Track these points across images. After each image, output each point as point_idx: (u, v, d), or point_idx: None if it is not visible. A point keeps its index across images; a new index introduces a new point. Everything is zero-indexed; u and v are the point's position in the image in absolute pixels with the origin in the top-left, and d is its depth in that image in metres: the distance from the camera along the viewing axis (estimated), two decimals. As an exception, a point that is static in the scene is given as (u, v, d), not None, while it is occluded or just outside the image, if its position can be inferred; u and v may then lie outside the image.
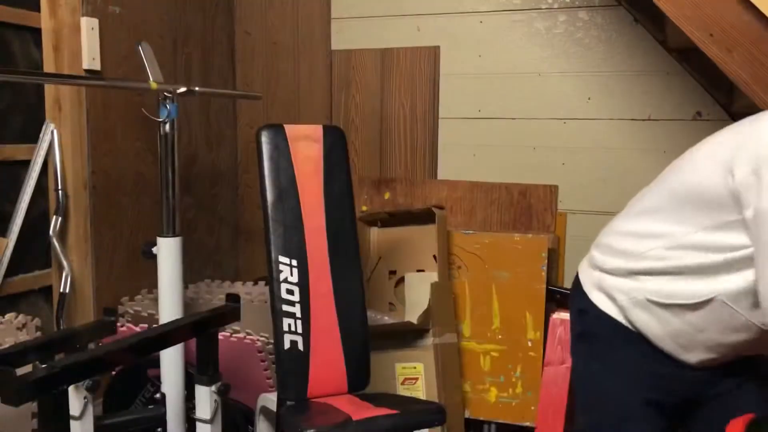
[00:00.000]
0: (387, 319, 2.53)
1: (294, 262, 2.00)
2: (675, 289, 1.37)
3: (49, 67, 2.19)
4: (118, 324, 2.04)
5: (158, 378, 2.03)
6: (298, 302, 1.98)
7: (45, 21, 2.18)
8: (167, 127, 2.01)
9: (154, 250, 2.03)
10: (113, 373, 2.21)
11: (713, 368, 1.46)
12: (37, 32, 2.18)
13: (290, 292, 1.98)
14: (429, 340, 2.40)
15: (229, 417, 2.05)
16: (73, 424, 1.52)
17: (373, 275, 2.70)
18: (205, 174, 2.88)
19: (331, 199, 2.08)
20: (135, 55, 2.21)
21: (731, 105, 2.33)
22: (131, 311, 2.32)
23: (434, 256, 2.54)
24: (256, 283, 2.67)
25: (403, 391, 2.41)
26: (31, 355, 1.62)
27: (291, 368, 1.95)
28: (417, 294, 2.52)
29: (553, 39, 2.61)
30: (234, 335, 2.22)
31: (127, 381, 2.19)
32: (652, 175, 1.51)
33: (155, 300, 2.21)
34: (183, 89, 2.06)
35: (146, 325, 2.21)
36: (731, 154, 1.27)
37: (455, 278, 2.58)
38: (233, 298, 1.91)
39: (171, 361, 2.00)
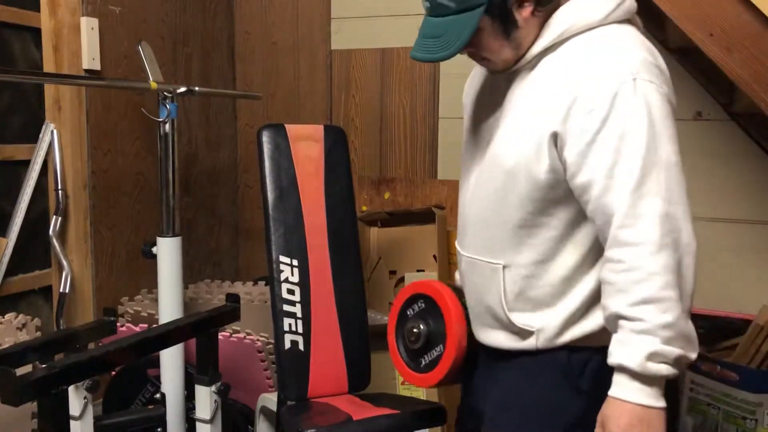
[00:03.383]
0: (387, 319, 2.52)
1: (295, 262, 2.00)
2: None
3: (49, 67, 2.19)
4: (118, 324, 2.03)
5: (158, 378, 2.03)
6: (298, 302, 1.98)
7: (45, 21, 2.18)
8: (167, 127, 2.01)
9: (154, 250, 2.03)
10: (113, 373, 2.21)
11: None
12: (37, 32, 2.18)
13: (291, 291, 1.98)
14: (429, 340, 2.39)
15: (229, 417, 2.05)
16: (73, 424, 1.52)
17: (373, 275, 2.69)
18: (204, 174, 2.88)
19: (332, 198, 2.08)
20: (135, 55, 2.21)
21: (731, 105, 2.32)
22: (131, 311, 2.31)
23: (434, 256, 2.53)
24: (256, 283, 2.67)
25: (403, 391, 2.41)
26: (31, 355, 1.62)
27: (291, 368, 1.95)
28: (417, 294, 2.52)
29: (553, 39, 2.60)
30: (234, 335, 2.22)
31: (127, 381, 2.19)
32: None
33: (155, 300, 2.21)
34: (183, 89, 2.06)
35: (146, 325, 2.21)
36: None
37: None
38: (233, 298, 1.91)
39: (171, 361, 2.00)
